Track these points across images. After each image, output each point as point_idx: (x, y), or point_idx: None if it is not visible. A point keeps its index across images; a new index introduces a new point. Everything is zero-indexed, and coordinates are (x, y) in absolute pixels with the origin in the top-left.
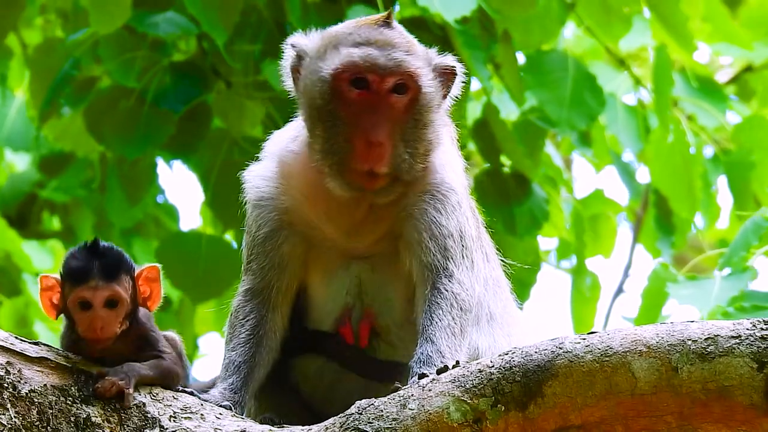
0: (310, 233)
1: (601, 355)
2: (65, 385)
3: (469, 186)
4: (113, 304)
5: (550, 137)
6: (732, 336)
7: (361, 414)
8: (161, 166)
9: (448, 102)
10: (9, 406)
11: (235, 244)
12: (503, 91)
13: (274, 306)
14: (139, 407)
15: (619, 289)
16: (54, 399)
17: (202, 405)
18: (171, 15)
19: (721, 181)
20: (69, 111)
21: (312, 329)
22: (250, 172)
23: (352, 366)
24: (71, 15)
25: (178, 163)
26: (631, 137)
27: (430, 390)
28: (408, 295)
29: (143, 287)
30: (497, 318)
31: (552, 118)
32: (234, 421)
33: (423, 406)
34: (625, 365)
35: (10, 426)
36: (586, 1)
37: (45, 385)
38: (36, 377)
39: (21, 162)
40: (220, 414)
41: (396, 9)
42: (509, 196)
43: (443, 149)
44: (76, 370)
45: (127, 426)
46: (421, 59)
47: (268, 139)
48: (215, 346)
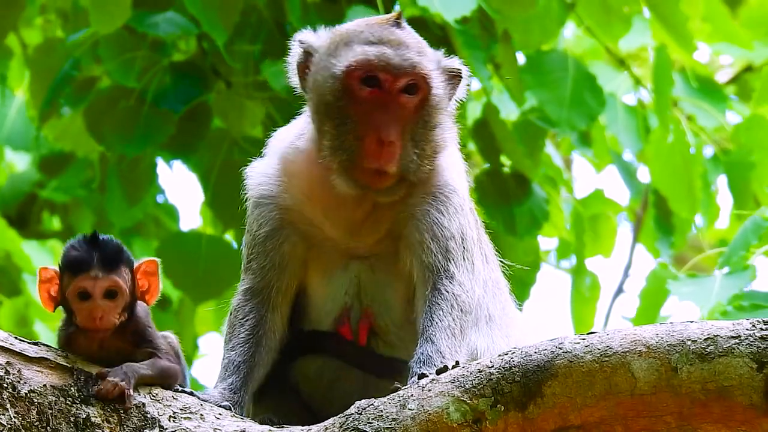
0: (310, 232)
1: (601, 356)
2: (65, 386)
3: (469, 187)
4: (113, 294)
5: (550, 137)
6: (731, 336)
7: (361, 414)
8: (161, 166)
9: (453, 104)
10: (8, 406)
11: (235, 244)
12: (503, 91)
13: (273, 306)
14: (139, 407)
15: (619, 289)
16: (53, 399)
17: (201, 405)
18: (171, 15)
19: (721, 181)
20: (69, 111)
21: (310, 330)
22: (252, 168)
23: (352, 361)
24: (71, 15)
25: (178, 163)
26: (631, 137)
27: (429, 390)
28: (407, 296)
29: (141, 281)
30: (496, 319)
31: (552, 118)
32: (233, 422)
33: (422, 406)
34: (625, 365)
35: (9, 426)
36: (586, 1)
37: (44, 386)
38: (35, 377)
39: (21, 162)
40: (219, 414)
41: (396, 9)
42: (509, 196)
43: (447, 151)
44: (75, 370)
45: (127, 426)
46: (432, 61)
47: (271, 137)
48: (215, 346)
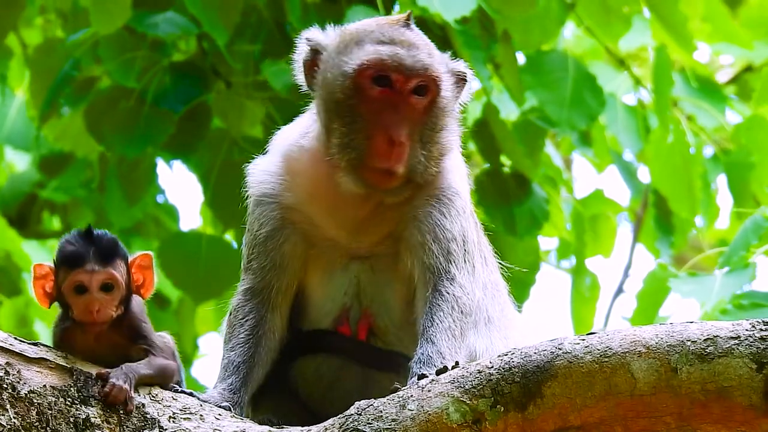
0: (311, 232)
1: (601, 356)
2: (64, 386)
3: (470, 188)
4: (109, 287)
5: (550, 137)
6: (731, 337)
7: (360, 415)
8: (161, 166)
9: (458, 107)
10: (8, 406)
11: (235, 243)
12: (503, 91)
13: (273, 306)
14: (139, 408)
15: (619, 289)
16: (53, 400)
17: (201, 406)
18: (171, 15)
19: (721, 181)
20: (69, 111)
21: (309, 330)
22: (254, 166)
23: (352, 356)
24: (71, 15)
25: (178, 163)
26: (631, 137)
27: (429, 391)
28: (407, 297)
29: (136, 274)
30: (495, 321)
31: (552, 118)
32: (233, 422)
33: (422, 406)
34: (625, 366)
35: (9, 427)
36: (585, 1)
37: (44, 386)
38: (35, 378)
39: (21, 162)
40: (219, 415)
41: (396, 9)
42: (509, 196)
43: (451, 154)
44: (75, 370)
45: (127, 427)
46: (442, 63)
47: (272, 135)
48: (215, 346)
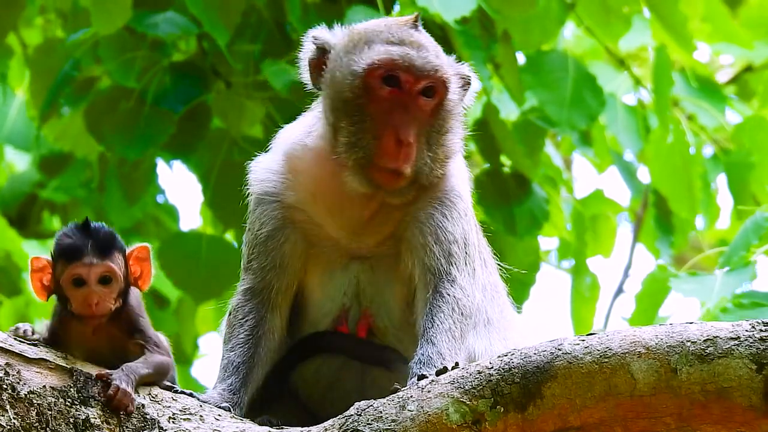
0: (311, 231)
1: (600, 357)
2: (64, 387)
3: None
4: (107, 280)
5: (550, 137)
6: (731, 337)
7: (360, 415)
8: (161, 166)
9: (462, 111)
10: (8, 407)
11: (235, 243)
12: (503, 91)
13: (273, 306)
14: (139, 408)
15: (619, 290)
16: (53, 400)
17: (201, 406)
18: (171, 15)
19: (721, 181)
20: (69, 111)
21: (306, 336)
22: (256, 164)
23: (351, 353)
24: (71, 15)
25: (178, 163)
26: (631, 137)
27: (429, 391)
28: (406, 298)
29: (134, 266)
30: (494, 322)
31: (552, 118)
32: (233, 423)
33: (422, 407)
34: (624, 366)
35: (9, 427)
36: (585, 1)
37: (44, 387)
38: (35, 378)
39: (21, 162)
40: (219, 415)
41: (396, 10)
42: (509, 196)
43: (455, 157)
44: (75, 371)
45: (127, 427)
46: (449, 66)
47: (273, 135)
48: (215, 346)
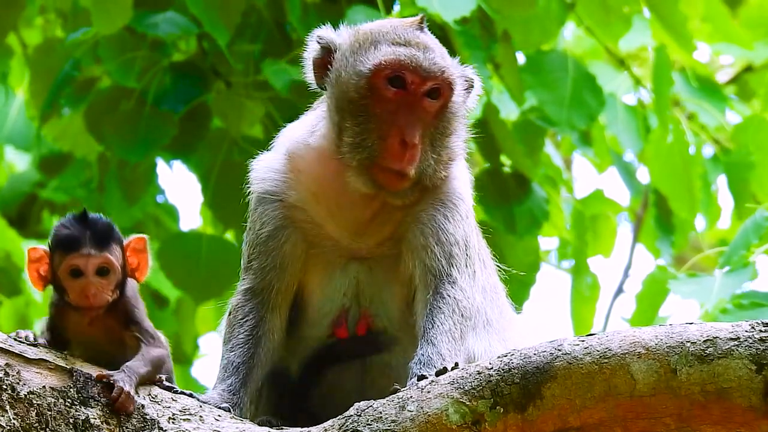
0: (312, 231)
1: (600, 357)
2: (64, 387)
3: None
4: (105, 272)
5: (550, 137)
6: (731, 338)
7: (360, 416)
8: (161, 165)
9: (466, 113)
10: (8, 407)
11: (236, 243)
12: (503, 91)
13: (273, 306)
14: (138, 409)
15: (619, 290)
16: (53, 401)
17: (200, 407)
18: (171, 15)
19: (721, 182)
20: (69, 111)
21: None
22: (258, 162)
23: (351, 353)
24: (71, 15)
25: (178, 163)
26: (631, 137)
27: (428, 392)
28: (406, 298)
29: (131, 258)
30: (494, 323)
31: (552, 118)
32: (233, 423)
33: (422, 408)
34: (624, 367)
35: (9, 428)
36: (585, 1)
37: (44, 387)
38: (35, 379)
39: (21, 162)
40: (219, 416)
41: (396, 9)
42: (509, 195)
43: (458, 160)
44: (75, 371)
45: (126, 428)
46: (455, 68)
47: (273, 135)
48: (215, 345)
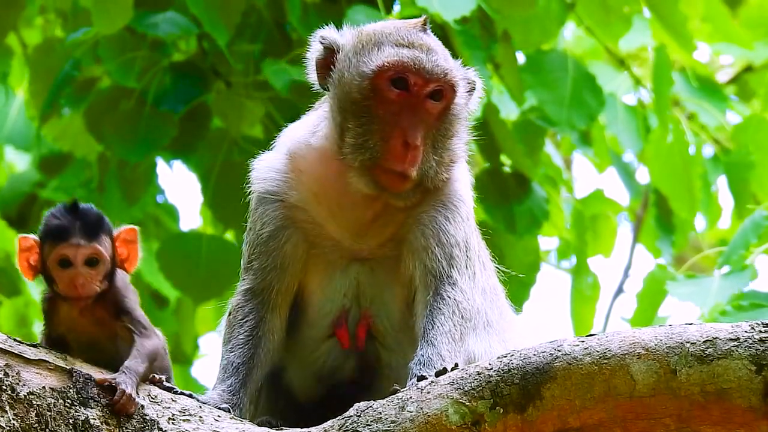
0: (313, 231)
1: (600, 358)
2: (64, 387)
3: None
4: (94, 262)
5: (550, 137)
6: (730, 338)
7: (360, 416)
8: (161, 165)
9: (468, 115)
10: (7, 408)
11: (236, 243)
12: (503, 91)
13: (273, 307)
14: (138, 410)
15: (619, 290)
16: (53, 401)
17: (200, 407)
18: (171, 15)
19: (721, 181)
20: (69, 111)
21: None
22: (259, 162)
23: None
24: (71, 15)
25: (178, 163)
26: (631, 137)
27: (428, 392)
28: (406, 300)
29: (121, 249)
30: (494, 324)
31: (552, 117)
32: (233, 424)
33: (421, 408)
34: (624, 368)
35: (8, 428)
36: (585, 1)
37: (43, 388)
38: (34, 379)
39: (21, 162)
40: (218, 416)
41: (396, 9)
42: (509, 195)
43: (459, 162)
44: (74, 372)
45: (126, 428)
46: (457, 70)
47: (279, 132)
48: (215, 345)
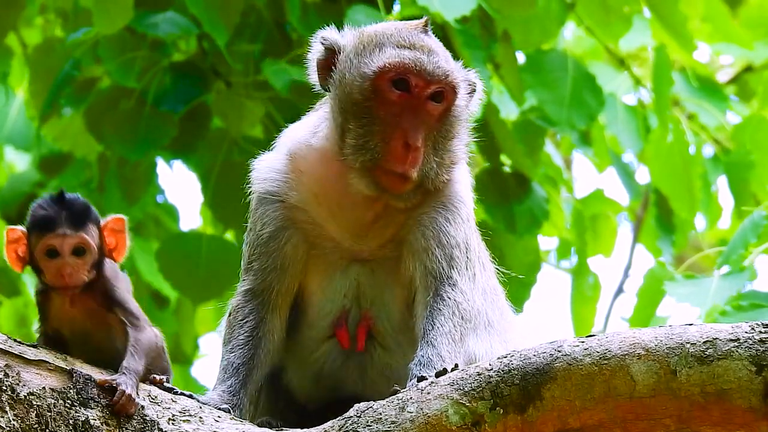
0: (313, 232)
1: (600, 358)
2: (64, 388)
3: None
4: (81, 252)
5: (550, 137)
6: (730, 339)
7: (360, 417)
8: (161, 165)
9: (468, 117)
10: (7, 408)
11: (236, 243)
12: (503, 91)
13: (273, 307)
14: (138, 410)
15: (619, 290)
16: (53, 402)
17: (200, 408)
18: (171, 15)
19: (721, 181)
20: (69, 111)
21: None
22: (259, 162)
23: None
24: (71, 15)
25: (178, 163)
26: (631, 137)
27: (428, 393)
28: (406, 301)
29: (109, 238)
30: (494, 325)
31: (552, 117)
32: (233, 424)
33: (422, 409)
34: (624, 368)
35: (8, 429)
36: (585, 1)
37: (43, 388)
38: (34, 380)
39: (21, 162)
40: (218, 417)
41: (396, 9)
42: (509, 195)
43: (460, 164)
44: (74, 372)
45: (126, 429)
46: (459, 71)
47: (279, 133)
48: (215, 346)
